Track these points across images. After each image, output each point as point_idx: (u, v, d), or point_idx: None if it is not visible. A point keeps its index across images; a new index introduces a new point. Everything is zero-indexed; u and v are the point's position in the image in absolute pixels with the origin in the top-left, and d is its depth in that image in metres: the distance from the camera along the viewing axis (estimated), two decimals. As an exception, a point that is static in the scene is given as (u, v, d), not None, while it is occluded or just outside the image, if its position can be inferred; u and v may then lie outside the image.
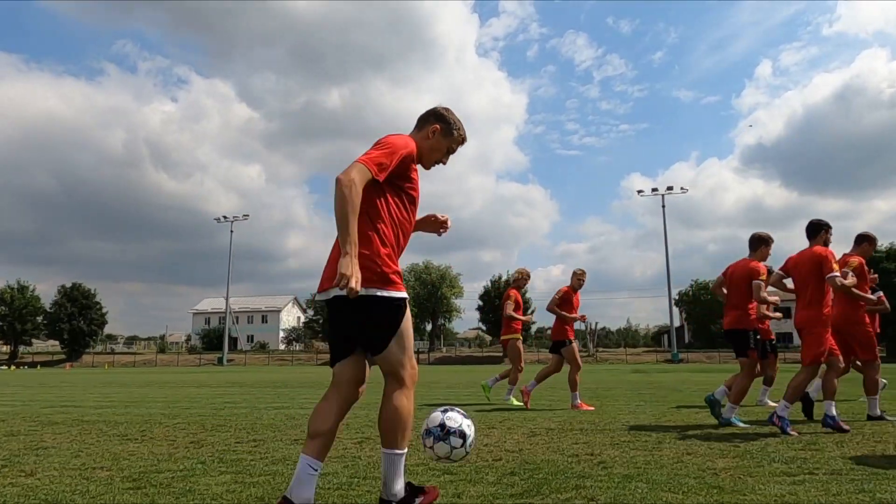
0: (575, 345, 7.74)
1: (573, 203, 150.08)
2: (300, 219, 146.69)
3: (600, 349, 60.46)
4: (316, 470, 2.38)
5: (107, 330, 73.83)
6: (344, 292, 2.27)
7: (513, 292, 8.26)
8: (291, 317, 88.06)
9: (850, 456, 3.82)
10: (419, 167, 2.70)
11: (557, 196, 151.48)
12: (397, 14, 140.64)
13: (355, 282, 2.22)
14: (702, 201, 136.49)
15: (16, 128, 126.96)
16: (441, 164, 2.76)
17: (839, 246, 5.78)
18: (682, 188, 55.17)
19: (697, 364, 42.58)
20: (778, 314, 6.94)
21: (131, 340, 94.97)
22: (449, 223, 2.93)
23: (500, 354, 57.73)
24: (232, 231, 61.21)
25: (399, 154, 2.49)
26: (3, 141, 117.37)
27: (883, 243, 52.65)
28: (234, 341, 79.19)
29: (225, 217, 62.00)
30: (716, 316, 70.82)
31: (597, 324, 67.43)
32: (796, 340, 70.71)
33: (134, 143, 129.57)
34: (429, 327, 69.40)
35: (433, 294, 66.36)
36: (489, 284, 60.00)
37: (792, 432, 4.88)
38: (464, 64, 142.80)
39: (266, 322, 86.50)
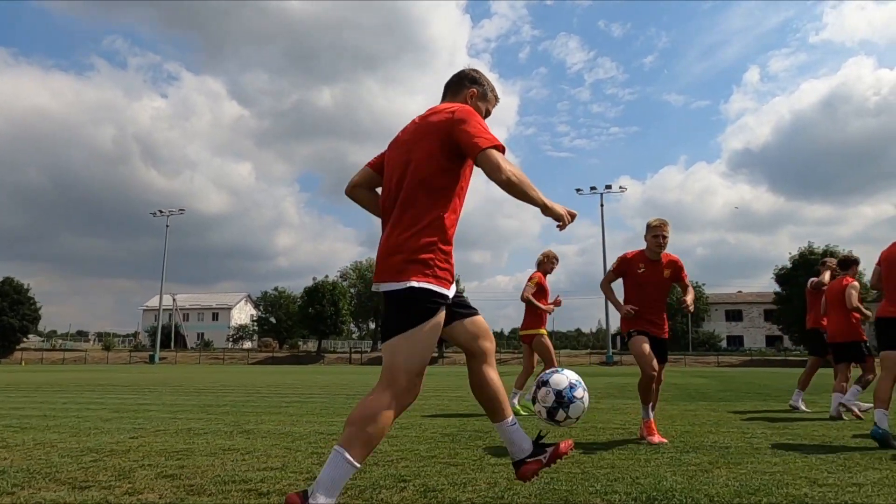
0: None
1: (563, 204, 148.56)
2: (291, 217, 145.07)
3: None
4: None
5: (86, 327, 71.93)
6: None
7: (537, 275, 7.20)
8: (244, 314, 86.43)
9: None
10: None
11: (548, 198, 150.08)
12: (390, 15, 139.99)
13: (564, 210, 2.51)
14: (690, 205, 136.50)
15: (4, 122, 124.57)
16: None
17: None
18: (620, 187, 54.16)
19: (627, 367, 41.36)
20: None
21: (102, 337, 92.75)
22: None
23: (435, 356, 56.72)
24: (167, 226, 59.86)
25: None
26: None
27: (820, 247, 52.04)
28: (182, 339, 77.67)
29: (161, 211, 60.62)
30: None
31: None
32: (744, 343, 69.76)
33: (124, 140, 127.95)
34: (372, 326, 68.21)
35: (376, 293, 65.03)
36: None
37: None
38: (455, 65, 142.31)
39: (217, 320, 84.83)
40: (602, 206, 52.91)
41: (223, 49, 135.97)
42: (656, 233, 5.00)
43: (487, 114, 2.65)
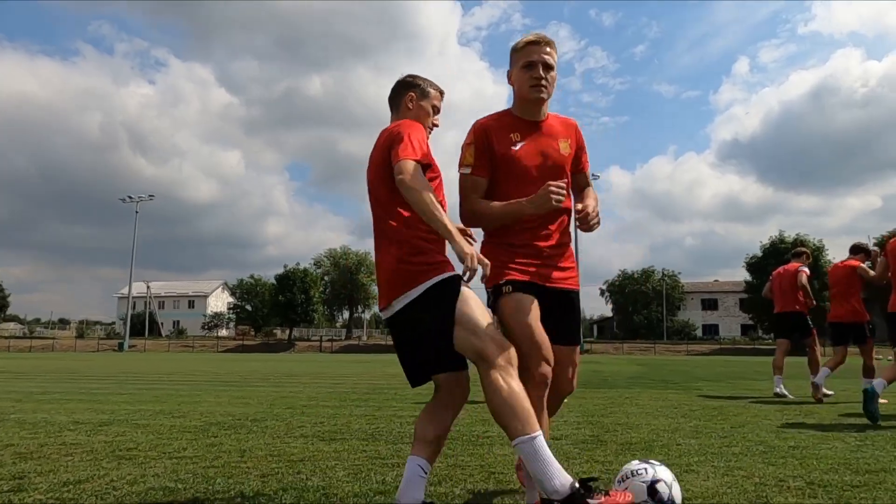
0: None
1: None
2: (280, 206, 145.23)
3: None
4: (426, 473, 2.23)
5: (71, 315, 71.16)
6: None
7: None
8: (221, 302, 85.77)
9: None
10: None
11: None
12: (381, 3, 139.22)
13: (477, 259, 2.19)
14: (679, 195, 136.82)
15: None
16: (434, 127, 2.58)
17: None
18: (594, 174, 53.77)
19: (599, 356, 41.23)
20: None
21: (82, 324, 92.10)
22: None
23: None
24: (137, 212, 59.03)
25: (426, 139, 2.38)
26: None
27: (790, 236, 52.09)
28: (157, 327, 76.96)
29: (130, 197, 59.77)
30: (640, 306, 70.60)
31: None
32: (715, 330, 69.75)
33: (111, 127, 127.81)
34: (346, 314, 67.87)
35: (350, 281, 64.69)
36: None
37: None
38: (446, 54, 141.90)
39: (193, 307, 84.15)
40: (574, 194, 52.62)
41: (211, 35, 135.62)
42: (531, 58, 2.39)
43: (436, 110, 2.56)
